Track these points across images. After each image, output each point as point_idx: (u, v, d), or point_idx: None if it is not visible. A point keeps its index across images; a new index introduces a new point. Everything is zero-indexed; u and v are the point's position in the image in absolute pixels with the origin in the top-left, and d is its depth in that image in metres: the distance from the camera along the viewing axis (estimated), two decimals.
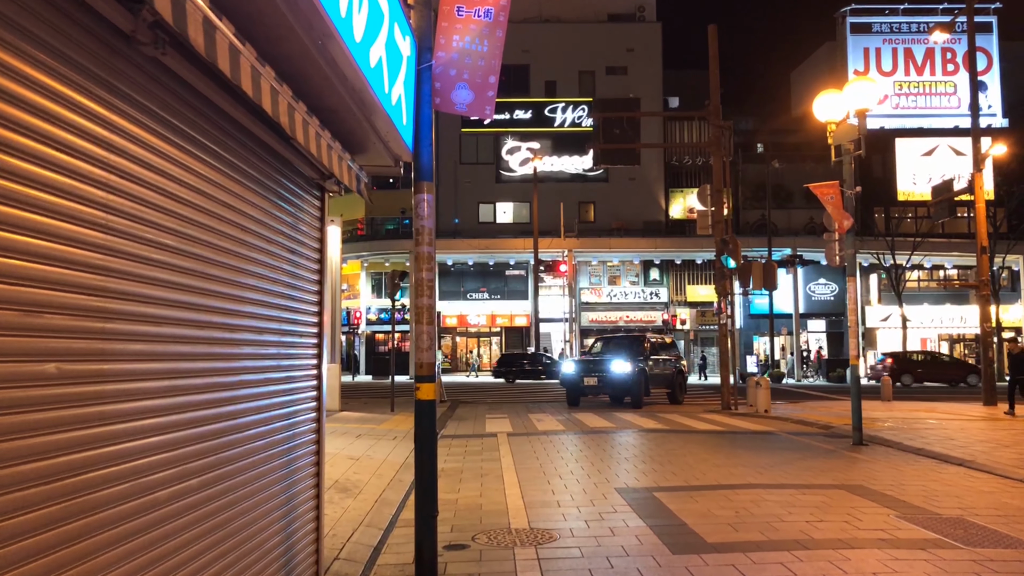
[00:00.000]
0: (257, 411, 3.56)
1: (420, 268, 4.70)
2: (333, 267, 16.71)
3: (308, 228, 4.45)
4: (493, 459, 9.75)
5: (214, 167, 3.04)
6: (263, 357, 3.65)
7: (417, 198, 4.71)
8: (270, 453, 3.72)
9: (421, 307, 4.69)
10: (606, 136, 17.64)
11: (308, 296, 4.46)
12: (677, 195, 43.89)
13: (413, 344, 4.48)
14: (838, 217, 11.01)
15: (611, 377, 17.95)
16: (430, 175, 4.71)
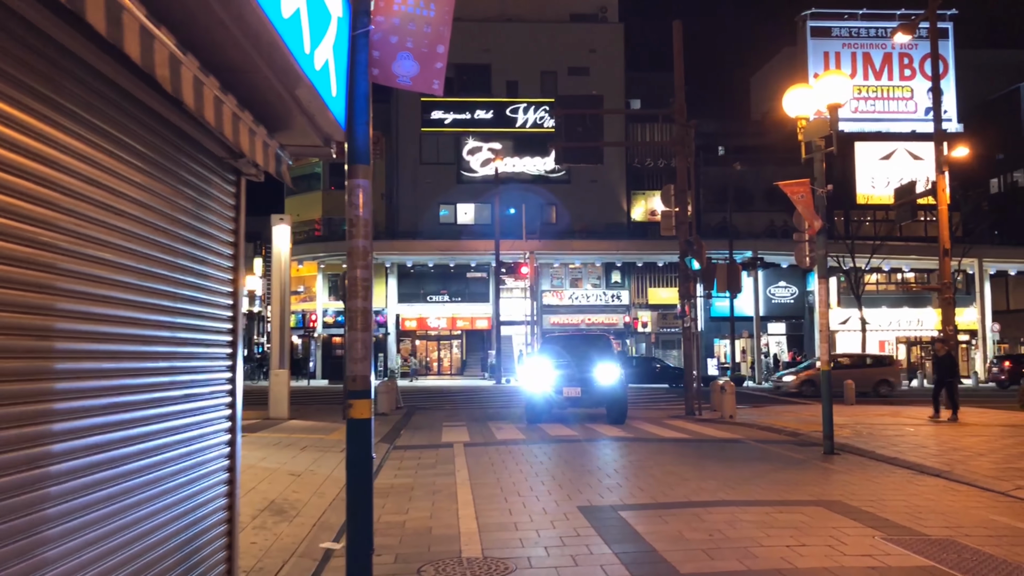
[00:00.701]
0: (141, 439, 2.88)
1: (355, 265, 4.05)
2: (283, 267, 15.91)
3: (218, 218, 3.77)
4: (447, 473, 9.11)
5: (63, 127, 2.36)
6: (151, 373, 2.98)
7: (351, 184, 4.06)
8: (157, 491, 3.04)
9: (355, 311, 4.04)
10: (568, 134, 17.10)
11: (218, 299, 3.77)
12: (639, 197, 43.65)
13: (346, 353, 3.79)
14: (809, 217, 10.58)
15: (599, 387, 14.94)
16: (366, 157, 4.06)
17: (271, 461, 9.40)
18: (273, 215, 16.03)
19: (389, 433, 13.31)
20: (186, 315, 3.31)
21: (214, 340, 3.70)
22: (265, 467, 8.92)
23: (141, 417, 2.86)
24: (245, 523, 6.39)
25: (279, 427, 13.68)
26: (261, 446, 10.78)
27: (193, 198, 3.40)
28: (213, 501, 3.70)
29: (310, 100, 3.55)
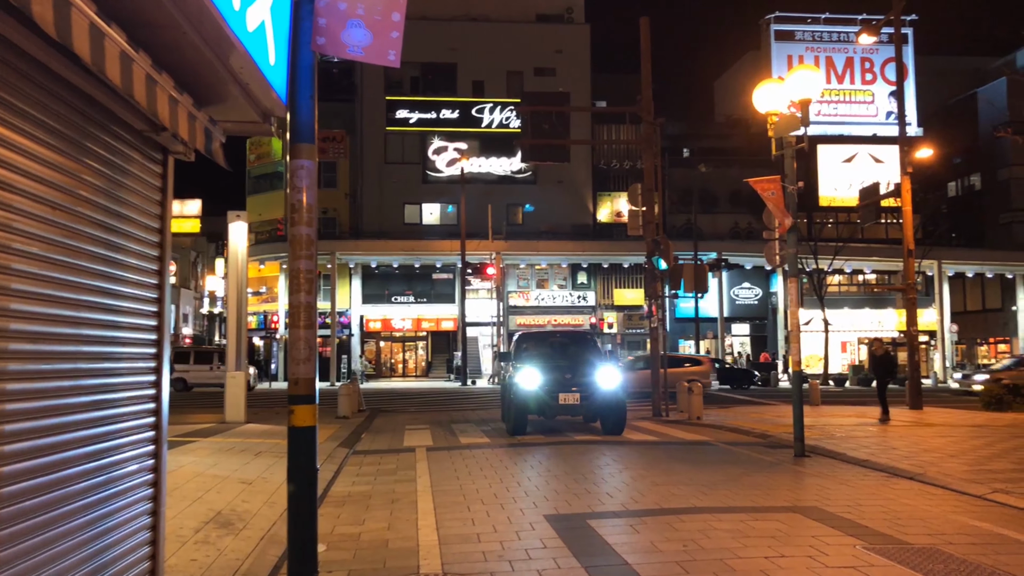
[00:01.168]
0: (28, 455, 2.45)
1: (297, 255, 3.64)
2: (240, 266, 15.35)
3: (139, 200, 3.33)
4: (408, 479, 8.69)
5: None
6: (45, 376, 2.55)
7: (293, 165, 3.65)
8: (52, 515, 2.60)
9: (298, 306, 3.64)
10: (535, 131, 16.75)
11: (139, 291, 3.33)
12: (605, 199, 43.53)
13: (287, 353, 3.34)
14: (779, 215, 10.36)
15: (600, 394, 12.77)
16: (310, 135, 3.67)
17: (222, 468, 8.90)
18: (230, 212, 15.48)
19: (349, 437, 12.85)
20: (94, 309, 2.88)
21: (133, 339, 3.27)
22: (215, 475, 8.43)
23: (30, 430, 2.43)
24: (187, 537, 5.93)
25: (234, 431, 13.13)
26: (212, 452, 10.27)
27: (105, 175, 2.97)
28: (132, 522, 3.26)
29: (242, 66, 3.14)
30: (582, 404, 12.79)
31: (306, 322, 3.60)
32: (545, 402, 12.67)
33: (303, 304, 3.60)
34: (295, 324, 3.60)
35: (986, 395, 19.28)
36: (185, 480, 7.96)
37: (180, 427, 13.69)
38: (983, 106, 47.62)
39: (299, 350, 3.57)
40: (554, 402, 12.68)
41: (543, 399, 12.64)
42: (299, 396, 3.56)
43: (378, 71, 42.14)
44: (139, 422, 3.34)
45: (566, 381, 12.82)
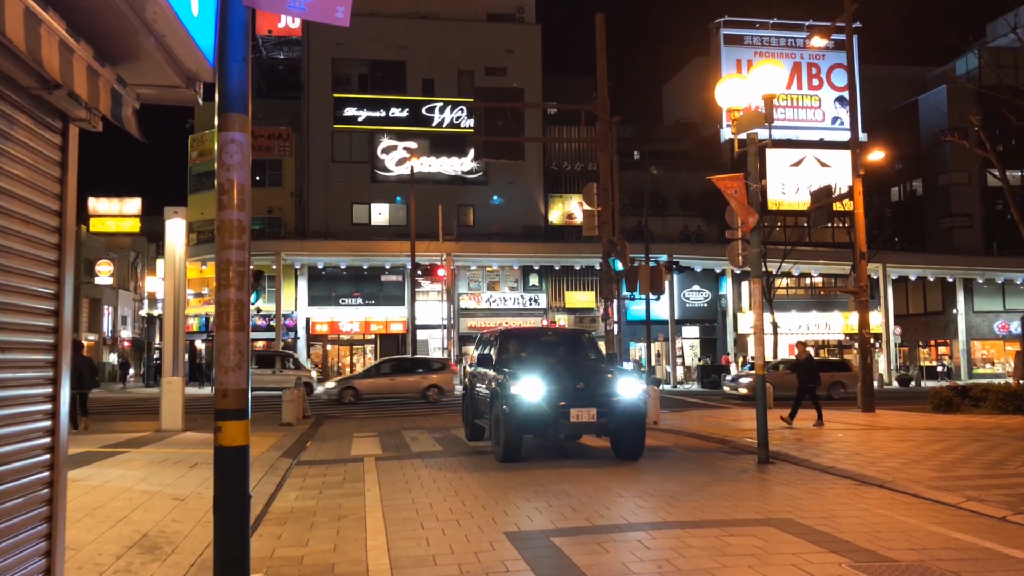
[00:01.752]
0: None
1: (227, 243, 3.10)
2: (177, 265, 14.54)
3: (30, 174, 2.75)
4: (356, 493, 8.12)
5: None
6: None
7: (223, 139, 3.10)
8: None
9: (227, 304, 3.09)
10: (488, 128, 16.29)
11: (29, 285, 2.75)
12: (556, 200, 43.27)
13: (215, 359, 2.83)
14: (743, 213, 10.05)
15: (621, 409, 9.94)
16: (243, 104, 3.12)
17: (152, 482, 8.21)
18: (167, 208, 14.65)
19: (293, 446, 12.18)
20: None
21: (20, 342, 2.68)
22: (144, 490, 7.74)
23: None
24: (106, 565, 5.29)
25: (169, 441, 12.36)
26: (144, 464, 9.54)
27: None
28: (19, 567, 2.67)
29: (157, 13, 2.59)
30: (599, 422, 9.81)
31: (237, 323, 3.06)
32: (552, 420, 9.71)
33: (233, 301, 3.06)
34: (223, 325, 3.05)
35: (935, 397, 19.43)
36: (110, 497, 7.26)
37: (111, 436, 12.87)
38: (924, 113, 48.71)
39: (228, 356, 3.03)
40: (564, 419, 9.69)
41: (549, 416, 9.67)
42: (228, 411, 3.02)
43: (325, 67, 41.22)
44: (29, 444, 2.75)
45: (579, 393, 9.85)
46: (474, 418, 12.19)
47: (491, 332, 12.92)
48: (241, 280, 3.08)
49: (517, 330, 14.27)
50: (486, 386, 11.08)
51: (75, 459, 9.75)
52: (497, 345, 11.66)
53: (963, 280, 44.07)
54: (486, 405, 10.95)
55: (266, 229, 40.63)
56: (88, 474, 8.54)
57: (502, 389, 10.05)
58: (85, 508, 6.73)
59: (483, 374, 11.51)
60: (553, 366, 10.46)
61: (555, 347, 11.74)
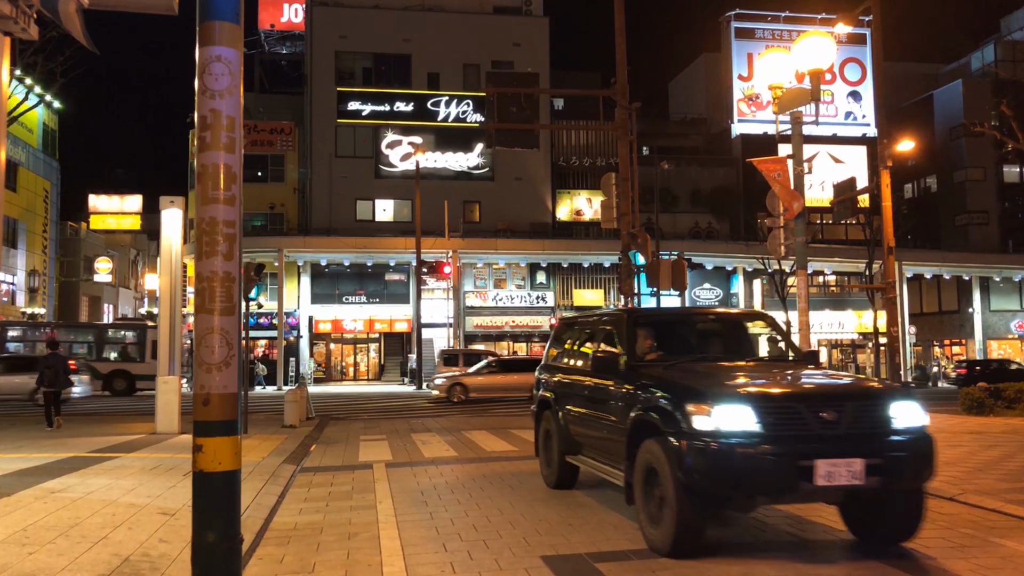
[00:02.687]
0: None
1: (209, 197, 2.30)
2: (173, 259, 13.72)
3: None
4: (367, 506, 7.31)
5: None
6: None
7: (206, 56, 2.32)
8: None
9: (211, 277, 2.30)
10: (501, 114, 15.45)
11: None
12: (564, 196, 42.44)
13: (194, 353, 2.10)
14: (786, 198, 9.25)
15: (907, 453, 5.39)
16: (232, 11, 2.31)
17: (141, 493, 7.40)
18: (163, 197, 13.81)
19: (297, 450, 11.36)
20: None
21: None
22: (131, 503, 6.93)
23: None
24: None
25: (164, 444, 11.56)
26: (135, 472, 8.73)
27: None
28: None
29: None
30: (867, 483, 5.17)
31: (224, 303, 2.26)
32: (781, 480, 5.18)
33: (219, 274, 2.26)
34: (205, 306, 2.25)
35: (966, 398, 18.59)
36: (90, 512, 6.45)
37: (102, 439, 12.07)
38: (939, 108, 47.84)
39: (211, 348, 2.23)
40: (804, 480, 5.10)
41: (776, 473, 5.15)
42: (211, 424, 2.21)
43: (329, 61, 40.42)
44: None
45: (828, 429, 5.26)
46: (566, 452, 7.62)
47: (596, 317, 8.16)
48: (230, 246, 2.28)
49: (654, 314, 9.28)
50: (601, 407, 6.72)
51: (59, 466, 8.97)
52: (622, 337, 6.79)
53: (979, 278, 43.17)
54: (601, 438, 6.71)
55: (268, 225, 39.90)
56: (69, 484, 7.74)
57: (667, 419, 5.45)
58: (60, 526, 5.92)
59: (593, 388, 7.04)
60: (753, 377, 5.98)
61: (719, 343, 7.48)
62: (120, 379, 27.36)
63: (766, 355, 7.43)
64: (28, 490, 7.27)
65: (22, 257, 38.73)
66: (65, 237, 46.45)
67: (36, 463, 9.18)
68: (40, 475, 8.22)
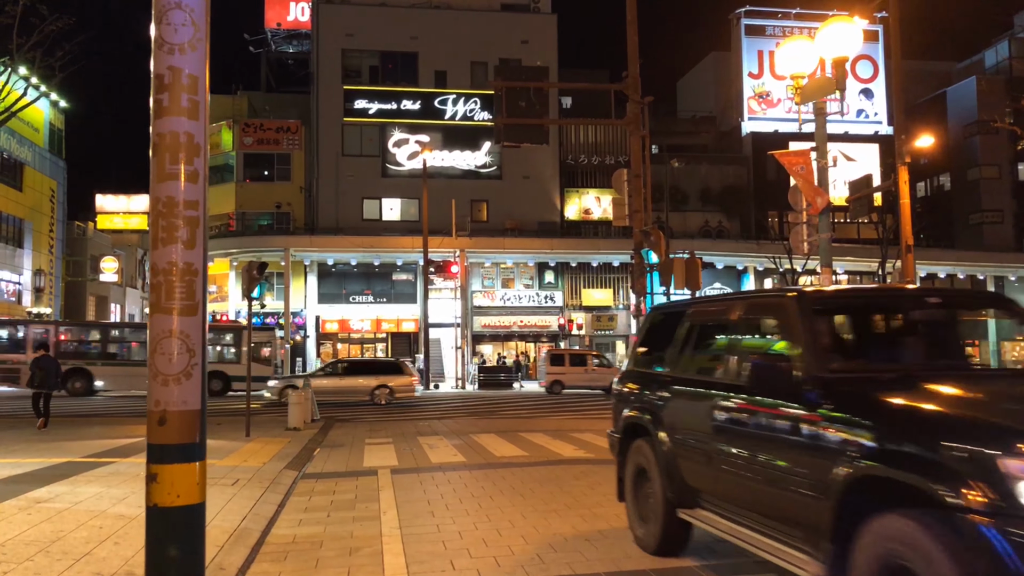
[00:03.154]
0: None
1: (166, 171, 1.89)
2: None
3: None
4: (370, 516, 6.91)
5: None
6: None
7: (162, 2, 1.89)
8: None
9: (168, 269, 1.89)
10: (510, 109, 15.05)
11: None
12: (573, 195, 41.99)
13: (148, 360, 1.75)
14: (810, 193, 8.81)
15: None
16: None
17: (132, 503, 7.02)
18: None
19: (300, 454, 10.98)
20: None
21: None
22: (120, 514, 6.55)
23: None
24: None
25: None
26: (128, 479, 8.36)
27: None
28: None
29: None
30: None
31: (185, 301, 1.86)
32: None
33: (179, 266, 1.86)
34: (162, 305, 1.85)
35: None
36: (75, 525, 6.07)
37: (100, 442, 11.71)
38: (952, 106, 47.22)
39: (168, 354, 1.83)
40: None
41: None
42: (168, 448, 1.81)
43: (335, 59, 40.09)
44: None
45: None
46: (677, 504, 5.25)
47: (732, 301, 5.38)
48: (192, 232, 1.89)
49: (842, 295, 5.27)
50: (758, 443, 4.36)
51: (50, 473, 8.61)
52: (793, 333, 4.32)
53: (994, 278, 42.56)
54: (757, 490, 4.35)
55: (274, 224, 39.59)
56: (58, 493, 7.36)
57: (942, 478, 3.05)
58: (41, 541, 5.54)
59: (739, 411, 4.58)
60: None
61: (931, 341, 5.17)
62: (217, 380, 27.37)
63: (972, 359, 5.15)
64: (12, 500, 6.90)
65: (28, 257, 38.53)
66: (72, 237, 46.28)
67: (27, 469, 8.83)
68: (29, 483, 7.85)
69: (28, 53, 15.75)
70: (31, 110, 35.92)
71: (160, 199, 1.87)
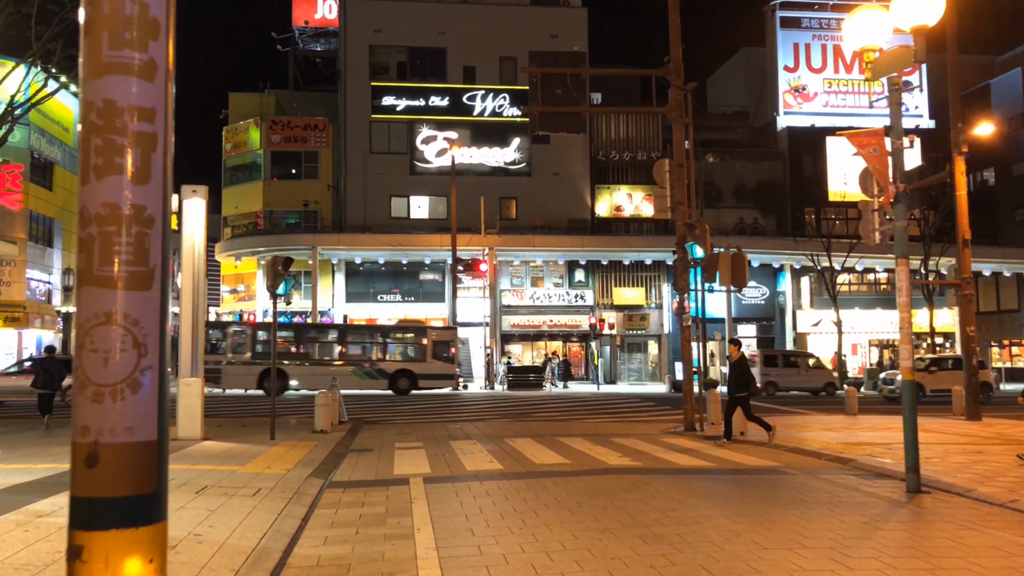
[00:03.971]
0: None
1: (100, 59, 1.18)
2: (196, 253, 12.81)
3: None
4: (403, 533, 6.21)
5: None
6: None
7: None
8: None
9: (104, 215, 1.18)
10: (545, 97, 14.31)
11: None
12: (604, 192, 41.09)
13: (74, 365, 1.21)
14: (882, 178, 7.97)
15: None
16: None
17: None
18: (184, 186, 12.88)
19: (327, 459, 10.33)
20: None
21: None
22: None
23: None
24: None
25: (183, 453, 10.61)
26: None
27: None
28: None
29: None
30: None
31: (131, 266, 1.09)
32: None
33: (122, 211, 1.12)
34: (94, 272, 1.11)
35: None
36: None
37: None
38: (996, 98, 45.65)
39: (104, 350, 1.07)
40: None
41: None
42: (101, 505, 1.03)
43: (363, 55, 39.60)
44: None
45: None
46: None
47: None
48: (144, 157, 1.16)
49: None
50: None
51: (60, 480, 8.03)
52: None
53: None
54: None
55: (302, 223, 39.19)
56: (61, 505, 6.75)
57: None
58: (33, 565, 4.91)
59: None
60: None
61: None
62: (404, 378, 27.98)
63: None
64: (11, 514, 6.30)
65: (58, 256, 38.46)
66: None
67: (36, 476, 8.26)
68: (34, 492, 7.27)
69: (50, 43, 15.31)
70: (60, 109, 35.83)
71: (94, 104, 1.18)
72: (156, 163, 1.24)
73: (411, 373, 28.10)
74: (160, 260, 1.24)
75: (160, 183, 1.24)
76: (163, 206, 1.24)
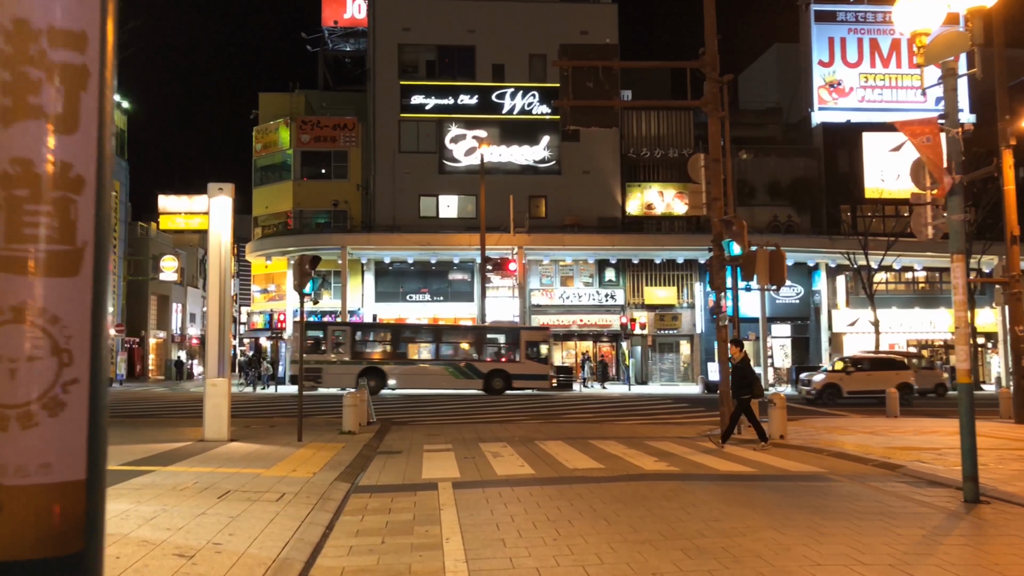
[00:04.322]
0: None
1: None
2: (222, 251, 12.64)
3: None
4: (431, 544, 5.91)
5: None
6: None
7: None
8: None
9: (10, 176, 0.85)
10: (576, 91, 13.96)
11: None
12: (634, 190, 40.56)
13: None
14: (936, 169, 7.52)
15: None
16: None
17: (160, 525, 6.15)
18: (211, 184, 12.69)
19: (354, 462, 10.08)
20: None
21: None
22: (143, 539, 5.67)
23: None
24: None
25: (208, 455, 10.42)
26: (163, 492, 7.52)
27: None
28: None
29: None
30: None
31: (52, 243, 0.77)
32: None
33: (39, 169, 0.82)
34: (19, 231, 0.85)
35: None
36: None
37: (144, 447, 10.99)
38: None
39: (10, 359, 0.84)
40: None
41: None
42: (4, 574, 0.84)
43: (392, 54, 39.49)
44: None
45: None
46: None
47: None
48: (72, 95, 0.83)
49: None
50: None
51: None
52: None
53: None
54: None
55: (332, 223, 39.18)
56: None
57: None
58: None
59: None
60: None
61: None
62: (498, 378, 28.30)
63: None
64: None
65: None
66: (134, 237, 46.73)
67: None
68: None
69: None
70: None
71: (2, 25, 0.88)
72: (87, 106, 0.94)
73: (505, 373, 28.32)
74: (92, 237, 0.94)
75: (93, 134, 0.95)
76: (98, 164, 0.95)
